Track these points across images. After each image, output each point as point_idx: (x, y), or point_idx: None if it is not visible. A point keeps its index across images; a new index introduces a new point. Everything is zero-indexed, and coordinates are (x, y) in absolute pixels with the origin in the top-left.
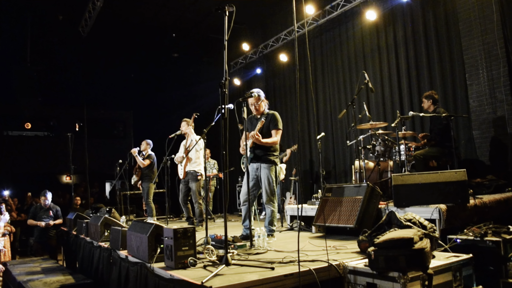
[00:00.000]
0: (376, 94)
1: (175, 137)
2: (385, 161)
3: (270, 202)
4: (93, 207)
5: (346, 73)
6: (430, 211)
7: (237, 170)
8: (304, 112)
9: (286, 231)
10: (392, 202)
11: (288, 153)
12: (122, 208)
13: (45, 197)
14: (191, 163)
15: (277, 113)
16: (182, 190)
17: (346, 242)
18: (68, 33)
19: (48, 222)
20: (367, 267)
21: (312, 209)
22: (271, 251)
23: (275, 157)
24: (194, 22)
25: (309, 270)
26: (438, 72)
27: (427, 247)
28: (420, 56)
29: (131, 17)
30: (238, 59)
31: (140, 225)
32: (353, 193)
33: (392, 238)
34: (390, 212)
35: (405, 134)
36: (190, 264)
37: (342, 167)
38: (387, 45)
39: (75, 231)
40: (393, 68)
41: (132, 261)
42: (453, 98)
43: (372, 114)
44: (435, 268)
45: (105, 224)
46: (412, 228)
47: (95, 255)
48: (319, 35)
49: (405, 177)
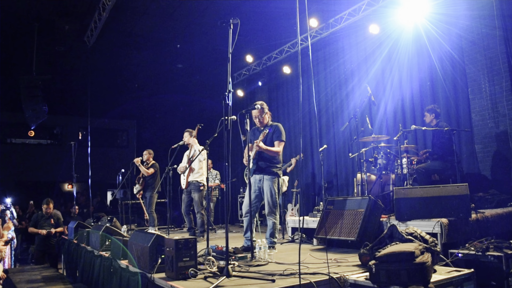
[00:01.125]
0: (378, 107)
1: (178, 147)
2: (387, 174)
3: (272, 214)
4: (95, 216)
5: (349, 86)
6: (432, 225)
7: (239, 181)
8: (307, 124)
9: (287, 243)
10: (394, 216)
11: (293, 163)
12: (124, 217)
13: (47, 206)
14: (194, 173)
15: (280, 125)
16: (184, 200)
17: (347, 255)
18: (73, 43)
19: (50, 230)
20: (368, 281)
21: (314, 221)
22: (272, 263)
23: (278, 169)
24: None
25: (310, 283)
26: (440, 86)
27: (429, 261)
28: (423, 70)
29: (135, 27)
30: (242, 70)
31: (141, 235)
32: (355, 206)
33: (393, 251)
34: (392, 226)
35: (407, 148)
36: (190, 275)
37: (344, 180)
38: (390, 58)
39: (76, 240)
40: (396, 81)
41: (132, 271)
42: (455, 112)
43: (374, 127)
44: (437, 282)
45: (106, 233)
46: (414, 242)
47: (96, 264)
48: (323, 47)
49: (407, 190)
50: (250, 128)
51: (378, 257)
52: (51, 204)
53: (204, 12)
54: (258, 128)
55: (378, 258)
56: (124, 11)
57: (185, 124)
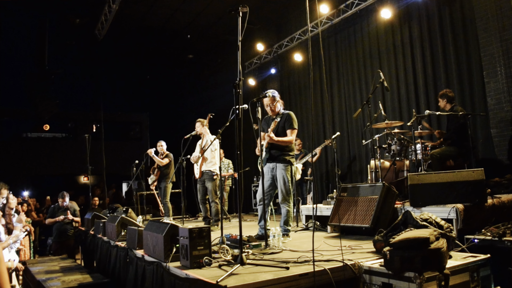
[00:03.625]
0: (391, 93)
1: (190, 137)
2: (401, 161)
3: (285, 201)
4: (110, 207)
5: (361, 72)
6: (447, 210)
7: (253, 170)
8: (319, 111)
9: (301, 231)
10: (408, 202)
11: (318, 153)
12: (139, 208)
13: (63, 199)
14: (207, 163)
15: (292, 113)
16: (200, 190)
17: (362, 242)
18: (84, 36)
19: (67, 216)
20: (383, 267)
21: (328, 209)
22: (286, 250)
23: (290, 157)
24: (208, 24)
25: (324, 270)
26: (454, 69)
27: (444, 247)
28: (436, 54)
29: (146, 19)
30: (253, 59)
31: (156, 225)
32: (369, 193)
33: (408, 238)
34: (406, 212)
35: (421, 133)
36: (205, 264)
37: (357, 167)
38: (403, 43)
39: (93, 231)
40: (409, 66)
41: (148, 261)
42: (470, 96)
43: (387, 113)
44: (452, 268)
45: (122, 224)
46: (428, 228)
47: (112, 255)
48: (334, 34)
49: (421, 176)
50: (262, 116)
51: (392, 244)
52: (67, 198)
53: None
54: (270, 116)
55: (393, 244)
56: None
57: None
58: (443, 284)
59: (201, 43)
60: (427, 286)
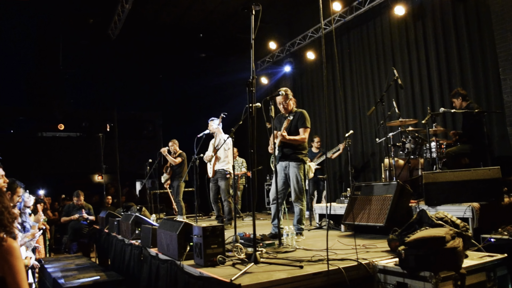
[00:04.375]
0: (405, 90)
1: (203, 136)
2: (416, 159)
3: (298, 200)
4: (124, 206)
5: (374, 70)
6: (463, 209)
7: (266, 168)
8: (332, 109)
9: (314, 230)
10: (423, 201)
11: (341, 148)
12: (152, 206)
13: (78, 198)
14: (220, 161)
15: (305, 111)
16: (212, 189)
17: (376, 241)
18: (98, 36)
19: (82, 215)
20: (398, 266)
21: (341, 208)
22: (299, 249)
23: (303, 155)
24: (221, 22)
25: (338, 269)
26: (469, 66)
27: (460, 246)
28: (451, 50)
29: (158, 19)
30: (265, 57)
31: (170, 223)
32: (383, 191)
33: (423, 237)
34: (421, 211)
35: (436, 131)
36: (219, 262)
37: (371, 165)
38: (416, 40)
39: (107, 229)
40: (423, 63)
41: (162, 259)
42: (485, 93)
43: (401, 111)
44: (468, 268)
45: (136, 222)
46: (444, 227)
47: (127, 253)
48: (346, 31)
49: (436, 174)
50: (275, 115)
51: (407, 243)
52: (82, 196)
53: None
54: (283, 114)
55: (408, 243)
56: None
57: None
58: (459, 284)
59: (213, 42)
60: (443, 286)
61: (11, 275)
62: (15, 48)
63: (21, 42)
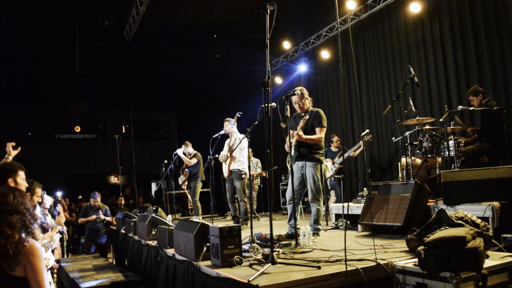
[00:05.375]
0: (422, 88)
1: (218, 136)
2: (433, 158)
3: (315, 200)
4: (141, 207)
5: (390, 68)
6: (483, 209)
7: (281, 169)
8: (348, 109)
9: (331, 230)
10: (441, 200)
11: (362, 145)
12: (168, 207)
13: (94, 199)
14: (235, 161)
15: (321, 110)
16: (228, 189)
17: (394, 241)
18: (113, 38)
19: (99, 216)
20: (417, 267)
21: (358, 208)
22: (316, 250)
23: (320, 155)
24: (234, 23)
25: (356, 270)
26: (487, 63)
27: (481, 246)
28: (468, 47)
29: (172, 20)
30: (279, 57)
31: (186, 224)
32: (400, 191)
33: (443, 236)
34: (440, 210)
35: (454, 129)
36: (236, 263)
37: (387, 165)
38: (433, 37)
39: (124, 230)
40: (440, 61)
41: (179, 259)
42: (504, 90)
43: (418, 109)
44: (490, 268)
45: (152, 223)
46: (464, 226)
47: (143, 253)
48: (361, 30)
49: (455, 173)
50: (290, 114)
51: (427, 243)
52: (99, 197)
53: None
54: (299, 114)
55: (427, 243)
56: (161, 4)
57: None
58: (480, 285)
59: (227, 42)
60: (464, 287)
61: (33, 275)
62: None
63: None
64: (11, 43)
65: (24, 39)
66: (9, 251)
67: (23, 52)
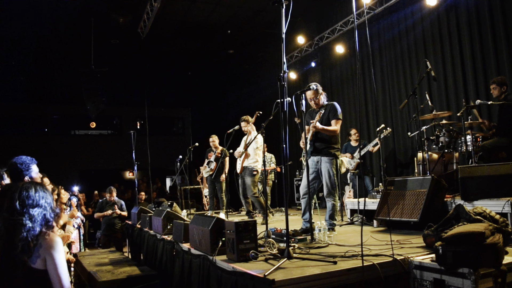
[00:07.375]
0: (439, 82)
1: (233, 132)
2: (450, 153)
3: (330, 195)
4: (156, 202)
5: (406, 62)
6: (501, 204)
7: (295, 164)
8: (363, 103)
9: (346, 225)
10: (459, 195)
11: (379, 142)
12: (183, 202)
13: (110, 194)
14: (249, 159)
15: (336, 103)
16: (241, 185)
17: (410, 236)
18: (128, 35)
19: (115, 211)
20: (434, 263)
21: (373, 203)
22: (332, 245)
23: (335, 150)
24: (248, 18)
25: (373, 265)
26: (506, 57)
27: (500, 242)
28: (486, 41)
29: (186, 16)
30: (294, 52)
31: (202, 219)
32: (417, 186)
33: (461, 232)
34: (458, 206)
35: (471, 124)
36: (251, 257)
37: (403, 160)
38: (449, 30)
39: (139, 225)
40: (456, 54)
41: (194, 254)
42: None
43: (435, 104)
44: (509, 264)
45: (168, 217)
46: (483, 222)
47: (159, 248)
48: (376, 24)
49: (472, 168)
50: (305, 110)
51: (445, 238)
52: (114, 193)
53: None
54: (314, 109)
55: (445, 239)
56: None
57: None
58: (499, 281)
59: (241, 38)
60: (483, 283)
61: (53, 268)
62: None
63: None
64: (28, 41)
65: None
66: (30, 244)
67: (39, 50)
